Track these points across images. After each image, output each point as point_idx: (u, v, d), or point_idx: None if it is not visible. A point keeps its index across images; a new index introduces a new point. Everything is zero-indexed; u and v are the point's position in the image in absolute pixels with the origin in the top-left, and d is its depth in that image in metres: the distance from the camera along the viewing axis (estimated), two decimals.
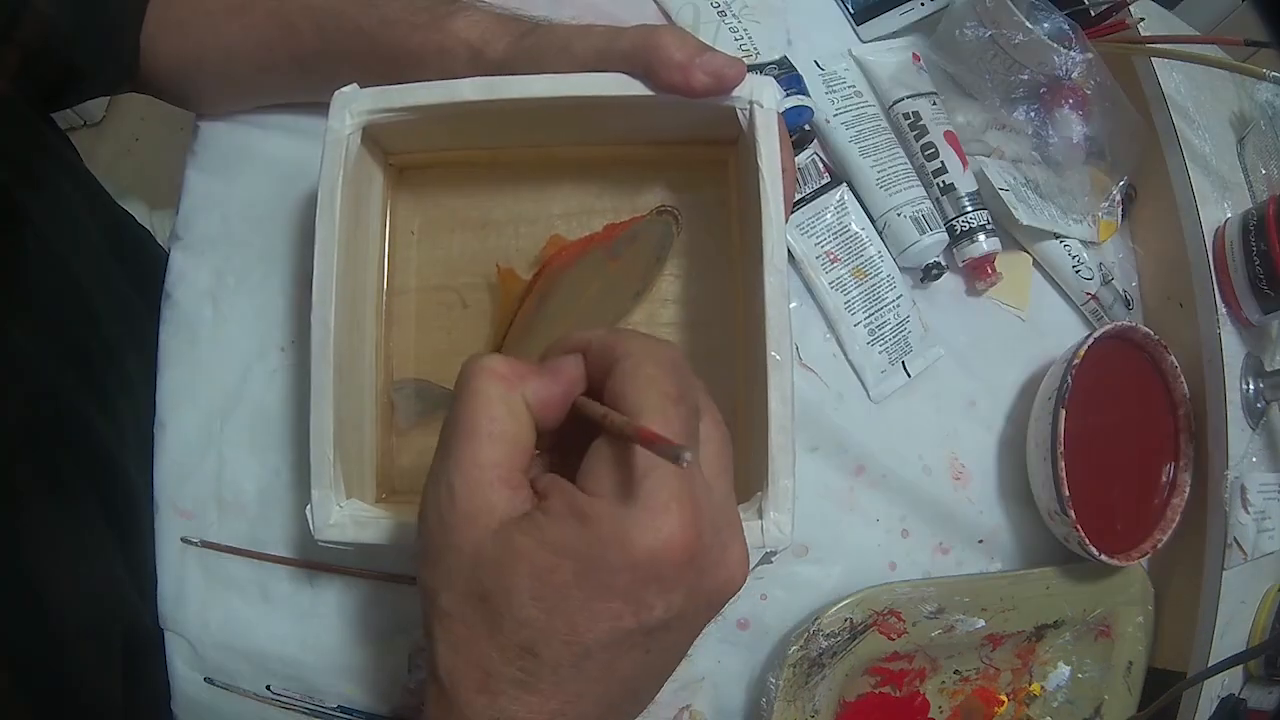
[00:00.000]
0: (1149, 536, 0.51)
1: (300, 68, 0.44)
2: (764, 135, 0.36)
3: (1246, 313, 0.53)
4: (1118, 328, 0.51)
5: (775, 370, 0.34)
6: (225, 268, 0.48)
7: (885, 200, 0.50)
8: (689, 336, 0.44)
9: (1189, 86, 0.58)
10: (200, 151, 0.49)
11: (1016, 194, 0.52)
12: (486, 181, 0.44)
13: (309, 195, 0.48)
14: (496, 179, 0.44)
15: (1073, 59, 0.50)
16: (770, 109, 0.36)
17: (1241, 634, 0.54)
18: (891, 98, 0.53)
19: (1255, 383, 0.53)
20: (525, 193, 0.44)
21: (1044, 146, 0.53)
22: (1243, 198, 0.58)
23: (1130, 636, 0.53)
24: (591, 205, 0.44)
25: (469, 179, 0.44)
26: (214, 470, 0.46)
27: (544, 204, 0.44)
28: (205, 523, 0.46)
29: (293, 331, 0.47)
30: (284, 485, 0.46)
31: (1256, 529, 0.52)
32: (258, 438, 0.46)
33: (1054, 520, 0.49)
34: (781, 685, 0.45)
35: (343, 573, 0.45)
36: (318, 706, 0.45)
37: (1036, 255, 0.55)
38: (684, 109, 0.36)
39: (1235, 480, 0.51)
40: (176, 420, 0.46)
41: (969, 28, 0.51)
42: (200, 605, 0.45)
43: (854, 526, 0.49)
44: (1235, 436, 0.52)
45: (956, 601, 0.48)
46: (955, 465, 0.52)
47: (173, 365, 0.47)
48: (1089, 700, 0.53)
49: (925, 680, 0.50)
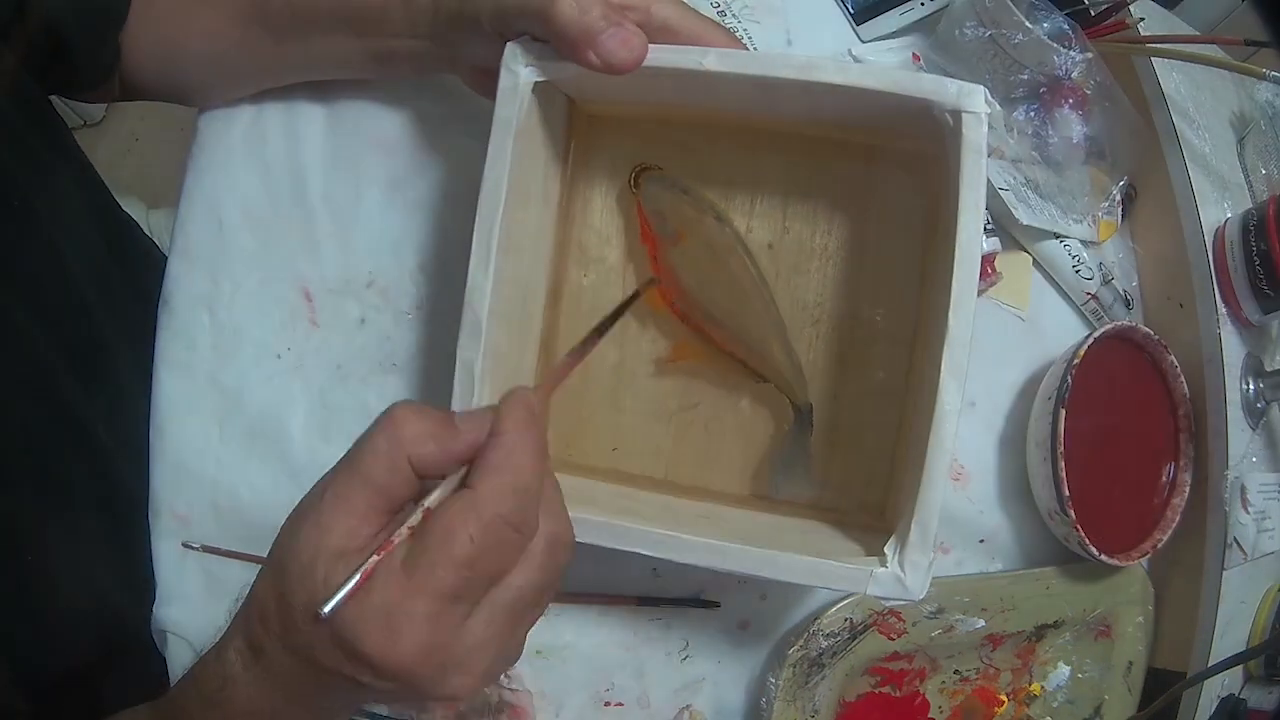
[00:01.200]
0: (1149, 536, 0.51)
1: (274, 39, 0.44)
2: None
3: (1246, 313, 0.53)
4: (1118, 328, 0.51)
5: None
6: (222, 274, 0.48)
7: None
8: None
9: (1189, 86, 0.58)
10: (199, 155, 0.49)
11: (1016, 194, 0.52)
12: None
13: (309, 199, 0.48)
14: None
15: (1073, 59, 0.50)
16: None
17: (1241, 634, 0.54)
18: None
19: (1255, 383, 0.53)
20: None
21: (1044, 146, 0.53)
22: (1243, 198, 0.58)
23: (1130, 636, 0.53)
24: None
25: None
26: (212, 476, 0.46)
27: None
28: (203, 528, 0.46)
29: (289, 337, 0.47)
30: (281, 490, 0.46)
31: (1256, 529, 0.52)
32: (255, 444, 0.46)
33: (1054, 520, 0.49)
34: (781, 685, 0.45)
35: None
36: None
37: (1036, 255, 0.55)
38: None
39: (1235, 480, 0.51)
40: (174, 426, 0.46)
41: (969, 28, 0.51)
42: (200, 607, 0.45)
43: None
44: (1235, 436, 0.51)
45: (956, 601, 0.48)
46: (955, 465, 0.51)
47: (170, 371, 0.47)
48: (1089, 700, 0.53)
49: (925, 680, 0.50)
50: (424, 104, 0.49)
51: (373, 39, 0.42)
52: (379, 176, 0.48)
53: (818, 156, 0.44)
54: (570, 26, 0.32)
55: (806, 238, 0.44)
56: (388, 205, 0.48)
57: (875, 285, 0.44)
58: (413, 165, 0.48)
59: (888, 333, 0.44)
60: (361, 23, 0.42)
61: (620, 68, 0.33)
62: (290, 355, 0.47)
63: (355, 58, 0.44)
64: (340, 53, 0.44)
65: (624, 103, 0.43)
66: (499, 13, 0.36)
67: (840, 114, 0.39)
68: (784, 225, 0.44)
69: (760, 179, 0.44)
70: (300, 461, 0.46)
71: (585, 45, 0.32)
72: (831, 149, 0.43)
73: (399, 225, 0.48)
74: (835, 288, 0.44)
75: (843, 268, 0.44)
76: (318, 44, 0.44)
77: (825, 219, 0.44)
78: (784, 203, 0.44)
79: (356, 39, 0.43)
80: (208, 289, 0.47)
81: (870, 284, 0.44)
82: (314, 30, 0.43)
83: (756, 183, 0.44)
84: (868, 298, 0.44)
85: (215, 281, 0.47)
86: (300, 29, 0.44)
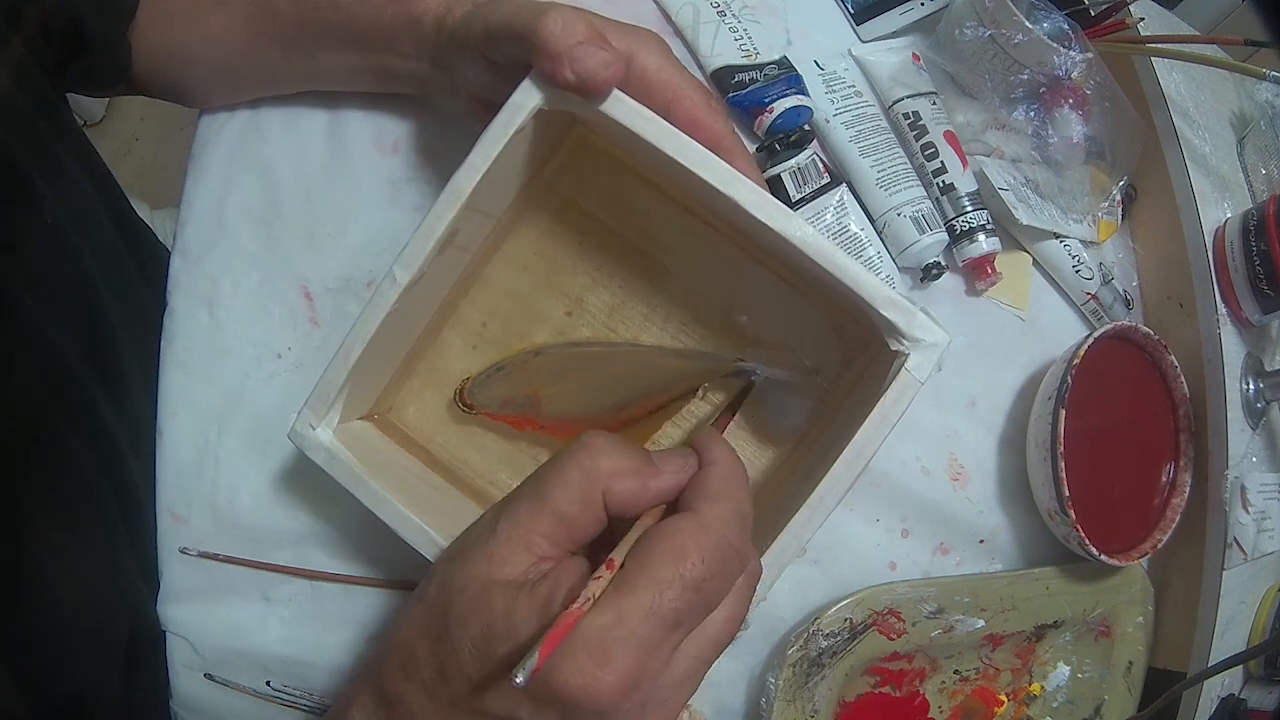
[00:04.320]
0: (1149, 536, 0.51)
1: (282, 49, 0.44)
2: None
3: (1246, 313, 0.53)
4: (1118, 328, 0.51)
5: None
6: (222, 273, 0.48)
7: (885, 200, 0.50)
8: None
9: (1189, 86, 0.58)
10: (200, 155, 0.49)
11: (1016, 194, 0.52)
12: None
13: (309, 199, 0.48)
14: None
15: (1073, 59, 0.50)
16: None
17: (1241, 634, 0.54)
18: (891, 97, 0.53)
19: (1255, 383, 0.53)
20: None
21: (1044, 146, 0.53)
22: (1243, 198, 0.58)
23: (1130, 636, 0.53)
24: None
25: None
26: (211, 476, 0.46)
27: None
28: (202, 529, 0.46)
29: (290, 337, 0.47)
30: (281, 491, 0.46)
31: (1256, 529, 0.52)
32: (255, 444, 0.46)
33: (1054, 520, 0.49)
34: (781, 685, 0.45)
35: (342, 581, 0.45)
36: (318, 704, 0.45)
37: (1036, 255, 0.55)
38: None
39: (1235, 480, 0.51)
40: (174, 427, 0.46)
41: (969, 28, 0.51)
42: (201, 607, 0.45)
43: (854, 526, 0.49)
44: (1235, 436, 0.51)
45: (956, 601, 0.48)
46: (955, 465, 0.52)
47: (170, 371, 0.47)
48: (1089, 700, 0.53)
49: (925, 680, 0.50)
50: (424, 104, 0.49)
51: (379, 58, 0.43)
52: (379, 176, 0.48)
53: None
54: (551, 41, 0.32)
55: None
56: (388, 205, 0.48)
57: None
58: (413, 165, 0.48)
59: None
60: (369, 41, 0.42)
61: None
62: (290, 355, 0.47)
63: (360, 74, 0.45)
64: (345, 68, 0.44)
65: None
66: (488, 35, 0.35)
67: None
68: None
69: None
70: (300, 462, 0.46)
71: (563, 62, 0.32)
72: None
73: (399, 225, 0.48)
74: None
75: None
76: (324, 58, 0.44)
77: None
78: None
79: (362, 56, 0.43)
80: (208, 288, 0.47)
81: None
82: (321, 44, 0.43)
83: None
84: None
85: (215, 281, 0.47)
86: (308, 42, 0.44)
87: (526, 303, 0.44)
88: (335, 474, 0.37)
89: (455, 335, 0.44)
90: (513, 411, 0.43)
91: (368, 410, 0.42)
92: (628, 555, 0.26)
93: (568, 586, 0.26)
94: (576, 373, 0.43)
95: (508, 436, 0.44)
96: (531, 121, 0.35)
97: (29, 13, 0.41)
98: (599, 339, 0.44)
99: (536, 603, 0.25)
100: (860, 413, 0.34)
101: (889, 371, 0.34)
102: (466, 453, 0.44)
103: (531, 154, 0.39)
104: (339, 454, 0.37)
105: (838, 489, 0.33)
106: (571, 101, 0.34)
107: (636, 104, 0.34)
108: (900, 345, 0.34)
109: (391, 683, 0.27)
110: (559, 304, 0.44)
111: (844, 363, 0.43)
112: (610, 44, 0.33)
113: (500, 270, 0.44)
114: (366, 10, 0.41)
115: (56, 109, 0.44)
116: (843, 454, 0.33)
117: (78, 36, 0.43)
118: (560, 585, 0.26)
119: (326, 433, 0.37)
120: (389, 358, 0.41)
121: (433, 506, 0.38)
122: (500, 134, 0.35)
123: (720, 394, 0.44)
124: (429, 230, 0.35)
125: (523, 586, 0.26)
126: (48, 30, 0.42)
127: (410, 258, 0.35)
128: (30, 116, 0.41)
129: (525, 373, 0.42)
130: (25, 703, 0.36)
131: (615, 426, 0.43)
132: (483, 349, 0.44)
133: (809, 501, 0.33)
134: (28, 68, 0.41)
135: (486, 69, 0.37)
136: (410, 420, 0.44)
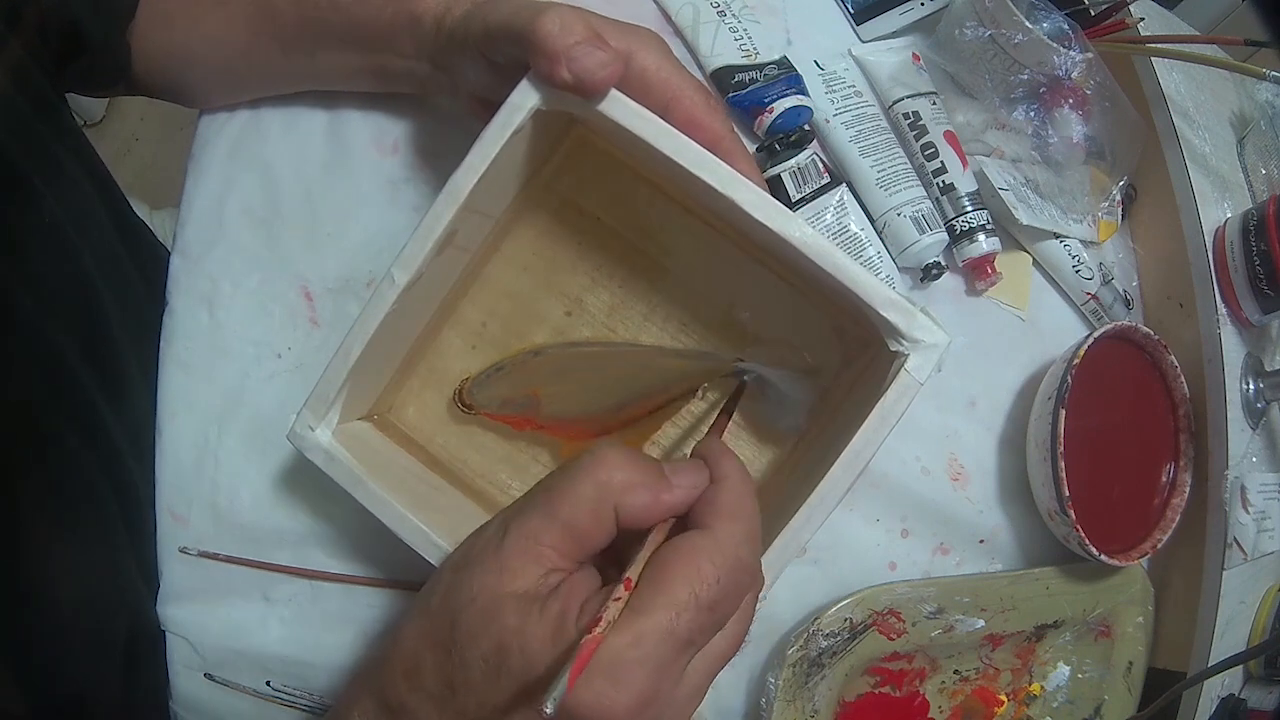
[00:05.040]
0: (1149, 536, 0.51)
1: (282, 49, 0.44)
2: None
3: (1246, 313, 0.53)
4: (1118, 328, 0.51)
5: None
6: (222, 273, 0.48)
7: (885, 200, 0.50)
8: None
9: (1189, 86, 0.58)
10: (200, 155, 0.49)
11: (1016, 194, 0.52)
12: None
13: (309, 199, 0.48)
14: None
15: (1073, 59, 0.50)
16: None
17: (1241, 634, 0.54)
18: (891, 97, 0.53)
19: (1255, 383, 0.53)
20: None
21: (1044, 146, 0.53)
22: (1243, 198, 0.58)
23: (1130, 636, 0.53)
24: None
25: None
26: (211, 476, 0.46)
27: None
28: (202, 528, 0.46)
29: (290, 337, 0.47)
30: (281, 492, 0.46)
31: (1256, 529, 0.52)
32: (255, 444, 0.46)
33: (1054, 520, 0.49)
34: (781, 685, 0.45)
35: (342, 581, 0.45)
36: (317, 704, 0.45)
37: (1036, 255, 0.55)
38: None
39: (1235, 480, 0.51)
40: (174, 427, 0.46)
41: (969, 28, 0.51)
42: (200, 607, 0.45)
43: (854, 526, 0.49)
44: (1235, 436, 0.51)
45: (956, 601, 0.48)
46: (955, 465, 0.51)
47: (170, 371, 0.47)
48: (1089, 700, 0.53)
49: (925, 680, 0.50)
50: (424, 104, 0.49)
51: (378, 58, 0.42)
52: (379, 176, 0.48)
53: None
54: (548, 41, 0.32)
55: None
56: (387, 205, 0.48)
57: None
58: (413, 165, 0.48)
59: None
60: (369, 41, 0.42)
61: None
62: (290, 355, 0.47)
63: (360, 74, 0.44)
64: (345, 68, 0.44)
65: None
66: (487, 34, 0.35)
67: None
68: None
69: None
70: (300, 461, 0.46)
71: (560, 62, 0.32)
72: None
73: (399, 225, 0.48)
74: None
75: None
76: (324, 58, 0.44)
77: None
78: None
79: (362, 56, 0.43)
80: (207, 288, 0.47)
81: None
82: (321, 44, 0.43)
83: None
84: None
85: (215, 281, 0.47)
86: (308, 42, 0.44)
87: (526, 303, 0.44)
88: (334, 475, 0.37)
89: (455, 335, 0.44)
90: (512, 411, 0.43)
91: (367, 410, 0.42)
92: (642, 573, 0.26)
93: (579, 602, 0.26)
94: (576, 373, 0.43)
95: (507, 436, 0.44)
96: (530, 121, 0.35)
97: (27, 13, 0.41)
98: (598, 339, 0.44)
99: (549, 621, 0.25)
100: (860, 413, 0.34)
101: (889, 372, 0.34)
102: (466, 453, 0.44)
103: (530, 154, 0.39)
104: (338, 455, 0.37)
105: (837, 489, 0.33)
106: (569, 101, 0.34)
107: (635, 104, 0.34)
108: (900, 346, 0.34)
109: (394, 690, 0.27)
110: (558, 304, 0.44)
111: (844, 363, 0.43)
112: (608, 44, 0.33)
113: (499, 270, 0.44)
114: (366, 10, 0.41)
115: (56, 109, 0.44)
116: (842, 454, 0.33)
117: (77, 37, 0.43)
118: (572, 602, 0.26)
119: (326, 434, 0.37)
120: (388, 358, 0.41)
121: (432, 507, 0.38)
122: (498, 134, 0.34)
123: (719, 394, 0.44)
124: (428, 230, 0.35)
125: (534, 601, 0.26)
126: (46, 31, 0.42)
127: (409, 258, 0.35)
128: (30, 117, 0.41)
129: (525, 373, 0.42)
130: (25, 703, 0.36)
131: (615, 426, 0.43)
132: (482, 349, 0.44)
133: (809, 502, 0.33)
134: (27, 68, 0.41)
135: (486, 69, 0.37)
136: (410, 420, 0.44)
